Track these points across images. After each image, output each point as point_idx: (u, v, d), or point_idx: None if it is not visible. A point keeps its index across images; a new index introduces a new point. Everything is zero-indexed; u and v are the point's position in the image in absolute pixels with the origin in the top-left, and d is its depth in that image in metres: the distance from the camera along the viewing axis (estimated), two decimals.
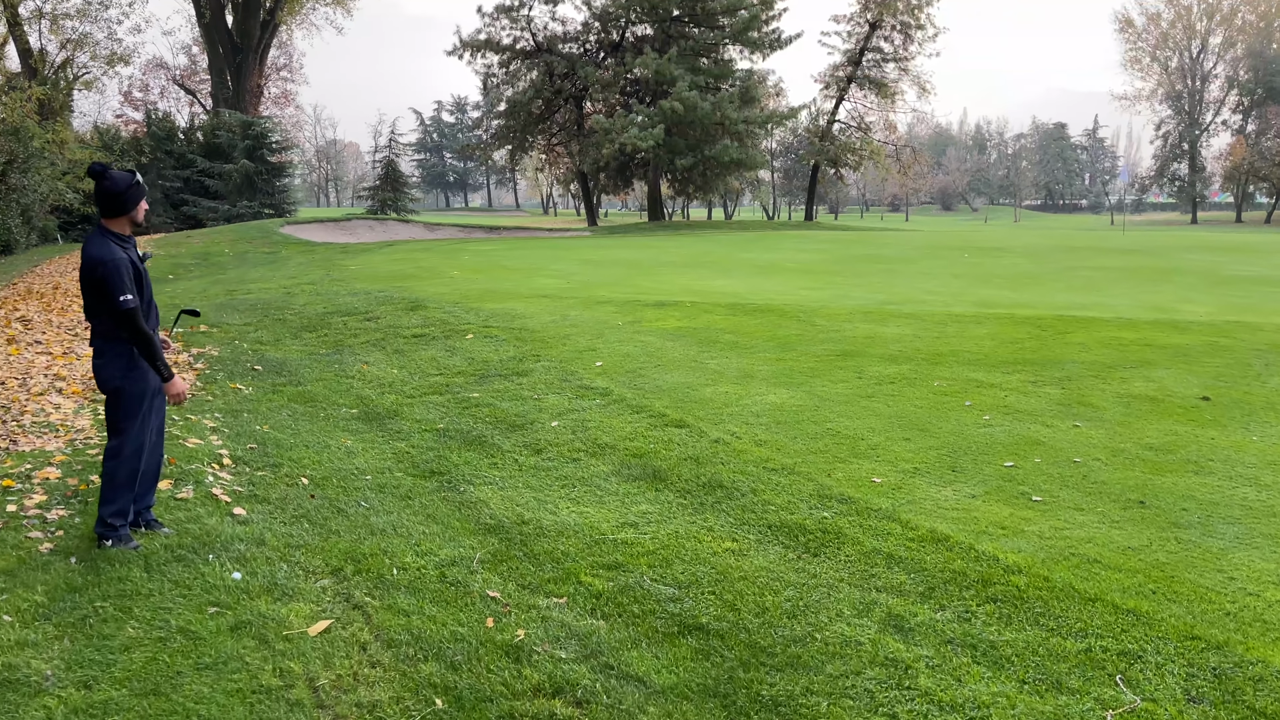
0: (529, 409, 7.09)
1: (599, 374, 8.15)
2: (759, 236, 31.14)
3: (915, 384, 7.70)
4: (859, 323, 10.51)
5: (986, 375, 7.95)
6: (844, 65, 43.58)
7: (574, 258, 20.69)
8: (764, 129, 39.60)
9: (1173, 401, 7.06)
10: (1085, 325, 10.18)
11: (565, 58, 40.42)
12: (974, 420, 6.66)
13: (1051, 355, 8.67)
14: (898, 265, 18.57)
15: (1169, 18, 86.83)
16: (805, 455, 5.94)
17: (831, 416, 6.80)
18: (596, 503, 5.17)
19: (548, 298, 12.79)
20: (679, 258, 20.82)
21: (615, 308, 11.73)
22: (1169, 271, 16.59)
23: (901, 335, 9.70)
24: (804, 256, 21.15)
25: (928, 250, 22.62)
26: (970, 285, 14.74)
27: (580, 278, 15.84)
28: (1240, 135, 79.25)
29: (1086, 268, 17.59)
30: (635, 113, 36.13)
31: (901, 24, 42.41)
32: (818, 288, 14.34)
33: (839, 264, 19.03)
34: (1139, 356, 8.56)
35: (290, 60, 67.65)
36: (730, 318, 10.89)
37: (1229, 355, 8.57)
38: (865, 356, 8.72)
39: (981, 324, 10.33)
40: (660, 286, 14.37)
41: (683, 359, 8.73)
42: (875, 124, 44.89)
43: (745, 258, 20.76)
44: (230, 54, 47.71)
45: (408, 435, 6.53)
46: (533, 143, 43.80)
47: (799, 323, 10.51)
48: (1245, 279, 15.43)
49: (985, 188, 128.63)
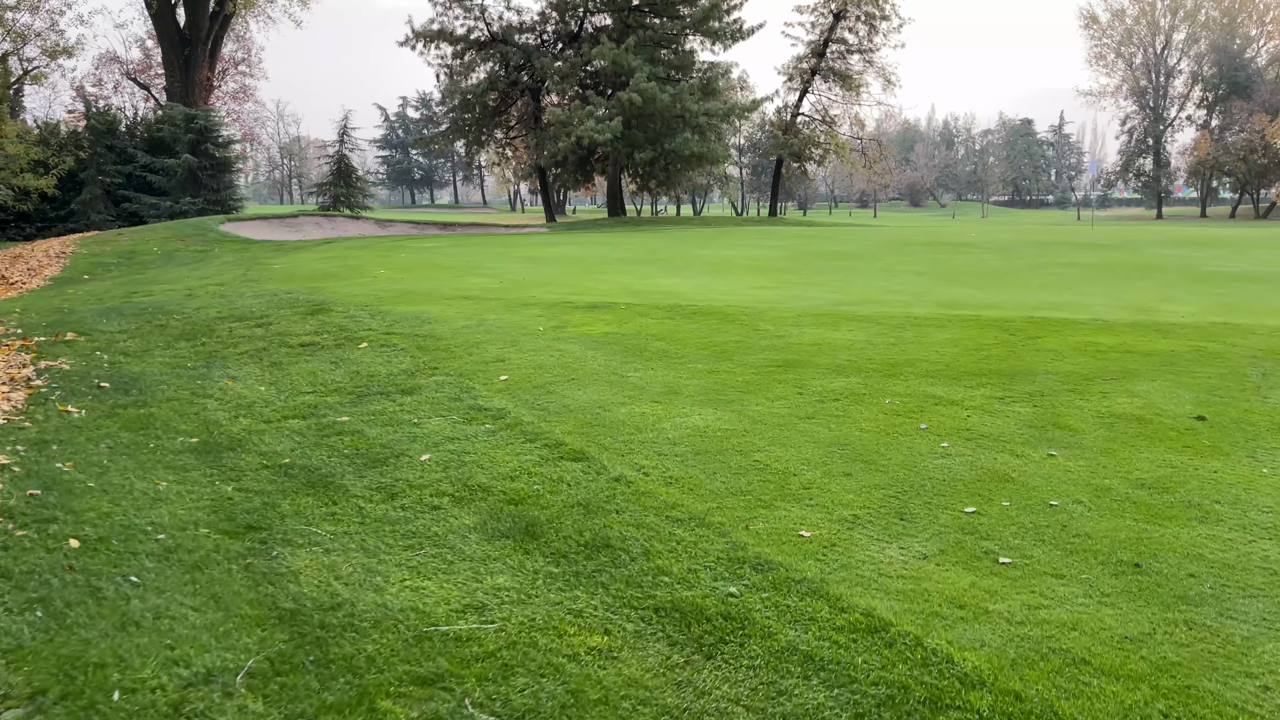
0: (401, 437, 5.90)
1: (500, 390, 6.98)
2: (720, 232, 30.07)
3: (864, 401, 6.59)
4: (807, 327, 9.41)
5: (947, 390, 6.86)
6: (808, 57, 42.56)
7: (518, 255, 19.47)
8: (726, 122, 38.51)
9: (1163, 422, 6.00)
10: (1058, 328, 9.14)
11: (521, 48, 39.10)
12: (930, 448, 5.55)
13: (1021, 365, 7.61)
14: (858, 262, 17.54)
15: (1133, 14, 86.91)
16: (722, 498, 4.80)
17: (762, 444, 5.68)
18: (442, 572, 4.00)
19: (470, 299, 11.59)
20: (630, 255, 19.67)
21: (541, 310, 10.55)
22: (1145, 267, 15.67)
23: (853, 342, 8.61)
24: (761, 253, 20.07)
25: (892, 246, 21.63)
26: (934, 283, 13.71)
27: (516, 277, 14.65)
28: (1204, 130, 79.36)
29: (1058, 264, 16.65)
30: (593, 105, 34.90)
31: (866, 14, 41.46)
32: (769, 287, 13.24)
33: (796, 261, 17.97)
34: (1120, 365, 7.52)
35: (249, 54, 65.76)
36: (666, 322, 9.75)
37: (1221, 364, 7.55)
38: (810, 368, 7.60)
39: (944, 328, 9.27)
40: (600, 286, 13.21)
41: (602, 371, 7.57)
42: (839, 117, 43.98)
43: (700, 254, 19.64)
44: (178, 46, 45.91)
45: (241, 474, 5.32)
46: (489, 136, 42.41)
47: (741, 328, 9.39)
48: (1225, 275, 14.53)
49: (953, 183, 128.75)
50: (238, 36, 62.92)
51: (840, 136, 44.20)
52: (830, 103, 43.81)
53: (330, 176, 47.77)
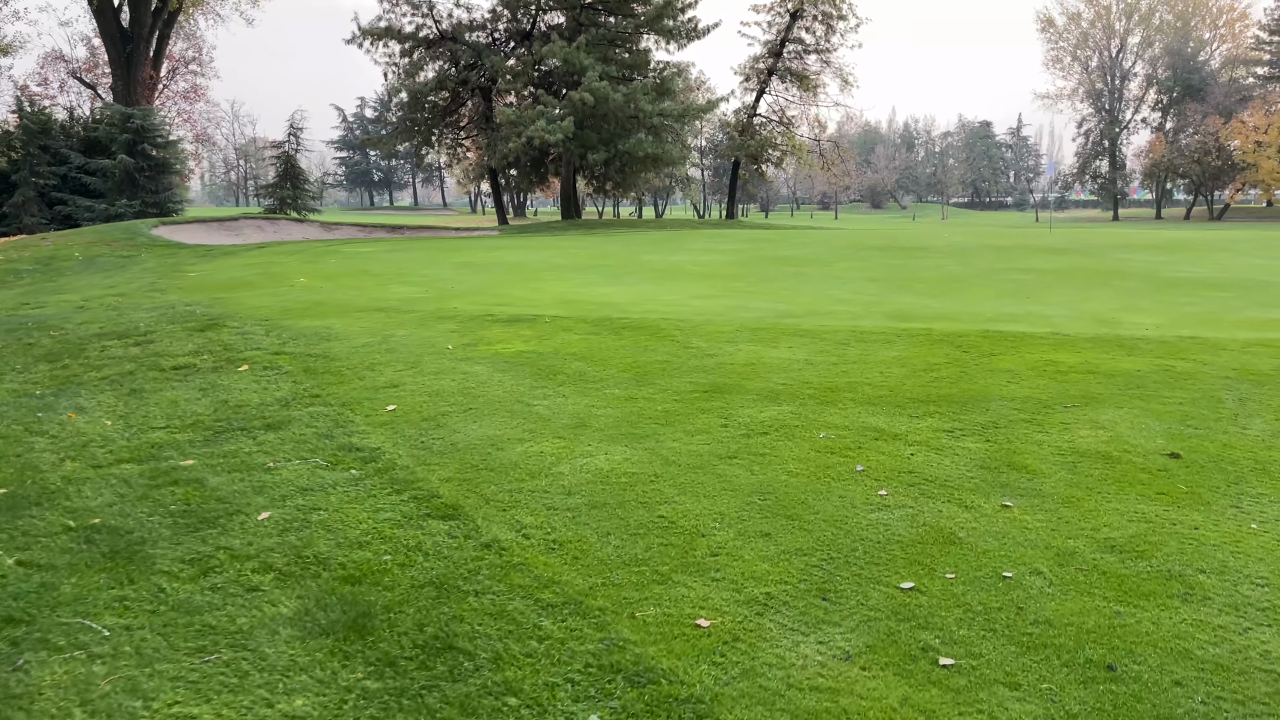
0: (246, 487, 4.98)
1: (383, 424, 6.08)
2: (674, 235, 29.27)
3: (795, 435, 5.77)
4: (744, 343, 8.59)
5: (890, 420, 6.06)
6: (764, 57, 41.89)
7: (454, 261, 18.51)
8: (681, 122, 37.72)
9: (1132, 461, 5.24)
10: (1015, 344, 8.40)
11: (471, 47, 38.05)
12: (865, 497, 4.74)
13: (974, 389, 6.83)
14: (811, 268, 16.79)
15: (1089, 17, 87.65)
16: (612, 569, 3.95)
17: (671, 492, 4.83)
18: (228, 690, 3.10)
19: (384, 311, 10.65)
20: (574, 260, 18.79)
21: (457, 325, 9.64)
22: (1105, 273, 15.07)
23: (791, 361, 7.79)
24: (711, 258, 19.28)
25: (847, 250, 20.95)
26: (886, 292, 12.98)
27: (445, 285, 13.71)
28: (1159, 133, 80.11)
29: (1016, 269, 16.02)
30: (544, 104, 33.96)
31: (823, 14, 40.87)
32: (712, 296, 12.43)
33: (747, 267, 17.19)
34: (1082, 389, 6.77)
35: (201, 53, 63.98)
36: (590, 338, 8.88)
37: (1192, 386, 6.83)
38: (739, 393, 6.77)
39: (891, 344, 8.49)
40: (531, 296, 12.33)
41: (505, 399, 6.69)
42: (797, 118, 43.36)
43: (647, 260, 18.81)
44: (120, 43, 44.29)
45: (33, 540, 4.37)
46: (440, 137, 41.28)
47: (671, 345, 8.55)
48: (1188, 281, 13.95)
49: (913, 185, 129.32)
50: (188, 35, 61.15)
51: (797, 138, 43.58)
52: (787, 103, 43.23)
53: (277, 178, 46.33)
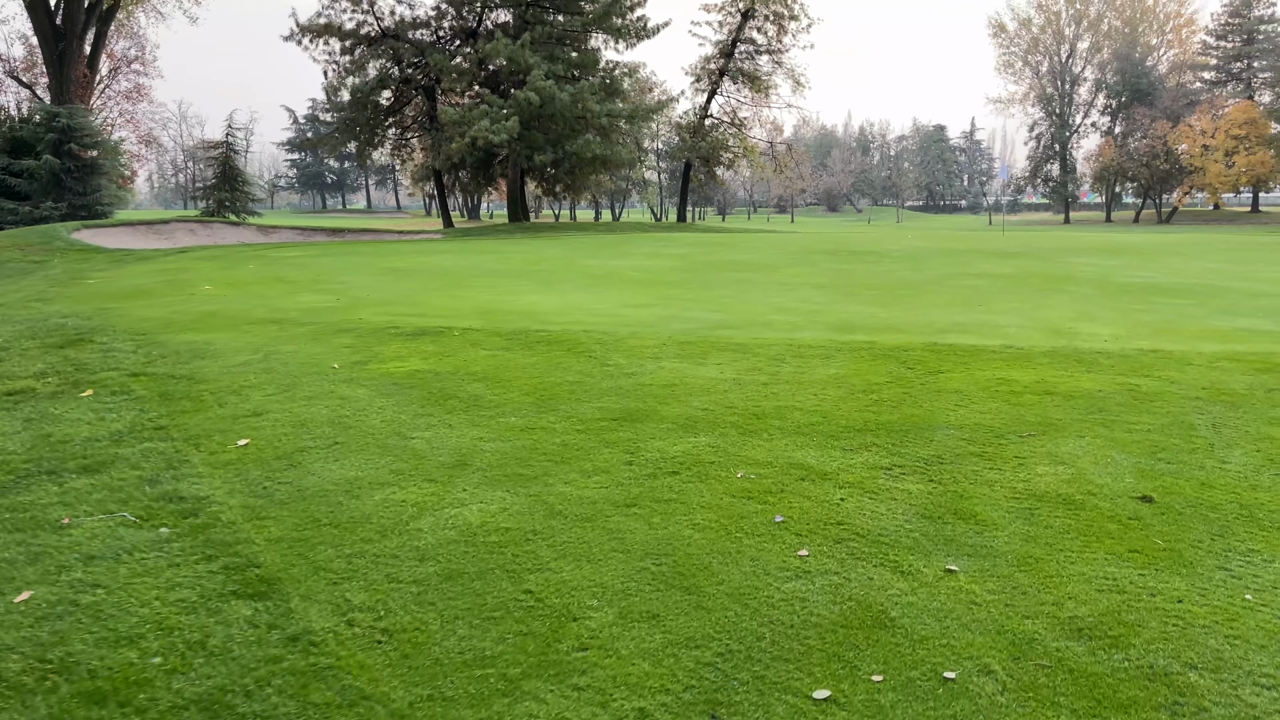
0: (19, 555, 4.00)
1: (226, 464, 5.13)
2: (622, 239, 28.42)
3: (709, 475, 4.91)
4: (669, 359, 7.73)
5: (820, 455, 5.23)
6: (715, 57, 41.20)
7: (382, 266, 17.48)
8: (630, 123, 36.87)
9: (1099, 507, 4.46)
10: (966, 360, 7.64)
11: (415, 44, 36.90)
12: (782, 560, 3.89)
13: (918, 413, 6.03)
14: (756, 273, 16.02)
15: (1039, 23, 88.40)
16: (447, 675, 3.06)
17: (548, 556, 3.95)
18: None
19: (280, 323, 9.66)
20: (510, 265, 17.84)
21: (355, 339, 8.68)
22: (1059, 279, 14.46)
23: (717, 381, 6.95)
24: (655, 263, 18.45)
25: (796, 255, 20.23)
26: (832, 299, 12.22)
27: (361, 293, 12.72)
28: (1109, 137, 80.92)
29: (969, 275, 15.38)
30: (488, 104, 32.94)
31: (774, 14, 40.27)
32: (646, 304, 11.57)
33: (690, 272, 16.38)
34: (1039, 414, 6.00)
35: (143, 52, 61.94)
36: (499, 355, 7.97)
37: (1160, 409, 6.10)
38: (653, 421, 5.91)
39: (830, 360, 7.69)
40: (450, 305, 11.39)
41: (381, 430, 5.76)
42: (750, 120, 42.72)
43: (587, 265, 17.93)
44: (53, 40, 42.48)
45: None
46: (383, 137, 40.03)
47: (588, 361, 7.67)
48: (1141, 287, 13.37)
49: (869, 189, 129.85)
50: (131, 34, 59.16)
51: (749, 140, 42.93)
52: (739, 104, 42.58)
53: (214, 180, 44.66)
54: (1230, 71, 76.58)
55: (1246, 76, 75.29)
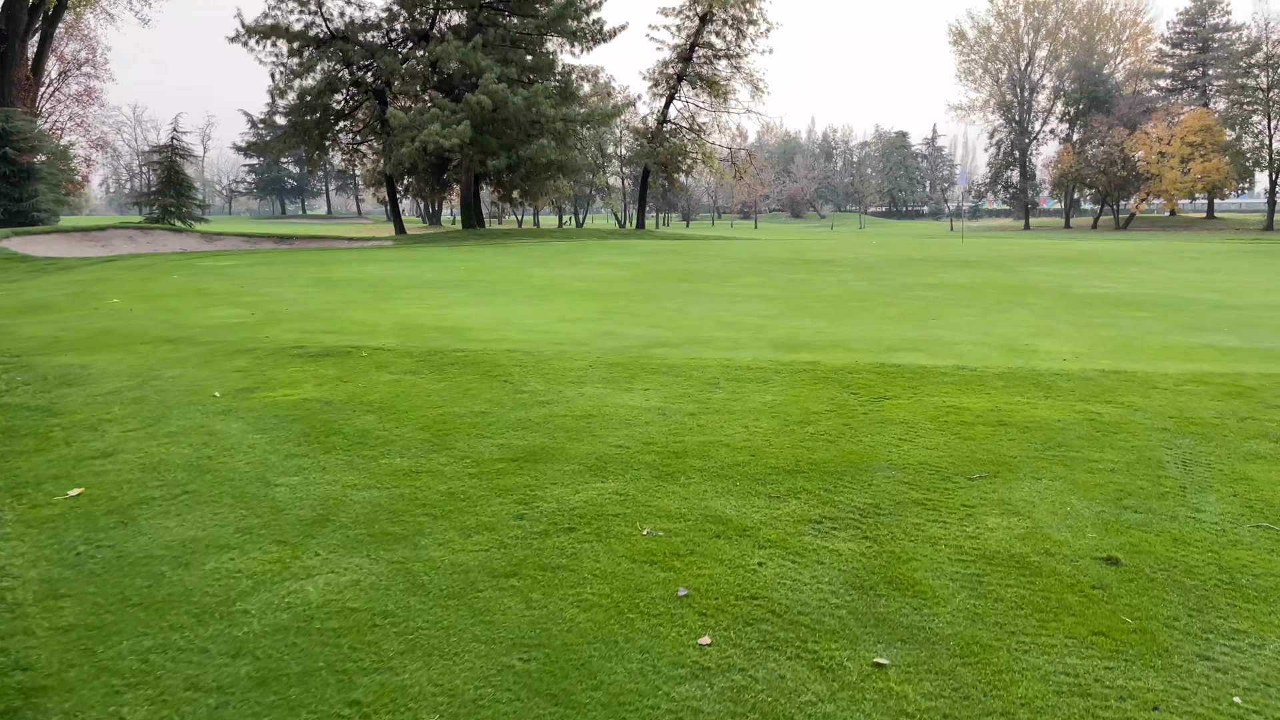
0: None
1: (45, 520, 4.36)
2: (576, 246, 27.71)
3: (610, 533, 4.21)
4: (593, 384, 7.03)
5: (741, 505, 4.55)
6: (674, 62, 40.61)
7: (314, 276, 16.63)
8: (586, 128, 36.15)
9: (1057, 571, 3.81)
10: (914, 383, 7.01)
11: (365, 46, 35.94)
12: (677, 651, 3.20)
13: (858, 450, 5.38)
14: (707, 284, 15.38)
15: (999, 31, 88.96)
16: None
17: (392, 650, 3.22)
18: None
19: (175, 343, 8.84)
20: (449, 275, 17.07)
21: (252, 360, 7.89)
22: (1017, 290, 13.96)
23: (641, 412, 6.26)
24: (604, 273, 17.76)
25: (750, 264, 19.64)
26: (781, 313, 11.59)
27: (279, 306, 11.90)
28: (1067, 144, 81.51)
29: (924, 285, 14.84)
30: (439, 108, 32.09)
31: (733, 18, 39.77)
32: (584, 318, 10.87)
33: (639, 283, 15.71)
34: (992, 450, 5.37)
35: (94, 55, 60.20)
36: (406, 378, 7.23)
37: (1124, 443, 5.49)
38: (559, 461, 5.20)
39: (768, 384, 7.03)
40: (371, 320, 10.62)
41: (243, 475, 5.00)
42: (709, 125, 42.15)
43: (533, 274, 17.19)
44: None
45: None
46: (333, 142, 38.98)
47: (502, 387, 6.95)
48: (1101, 299, 12.89)
49: (832, 195, 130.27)
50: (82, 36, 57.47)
51: (709, 145, 42.38)
52: (698, 109, 41.96)
53: (159, 185, 43.27)
54: (1185, 79, 77.46)
55: (1201, 84, 76.19)
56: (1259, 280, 15.83)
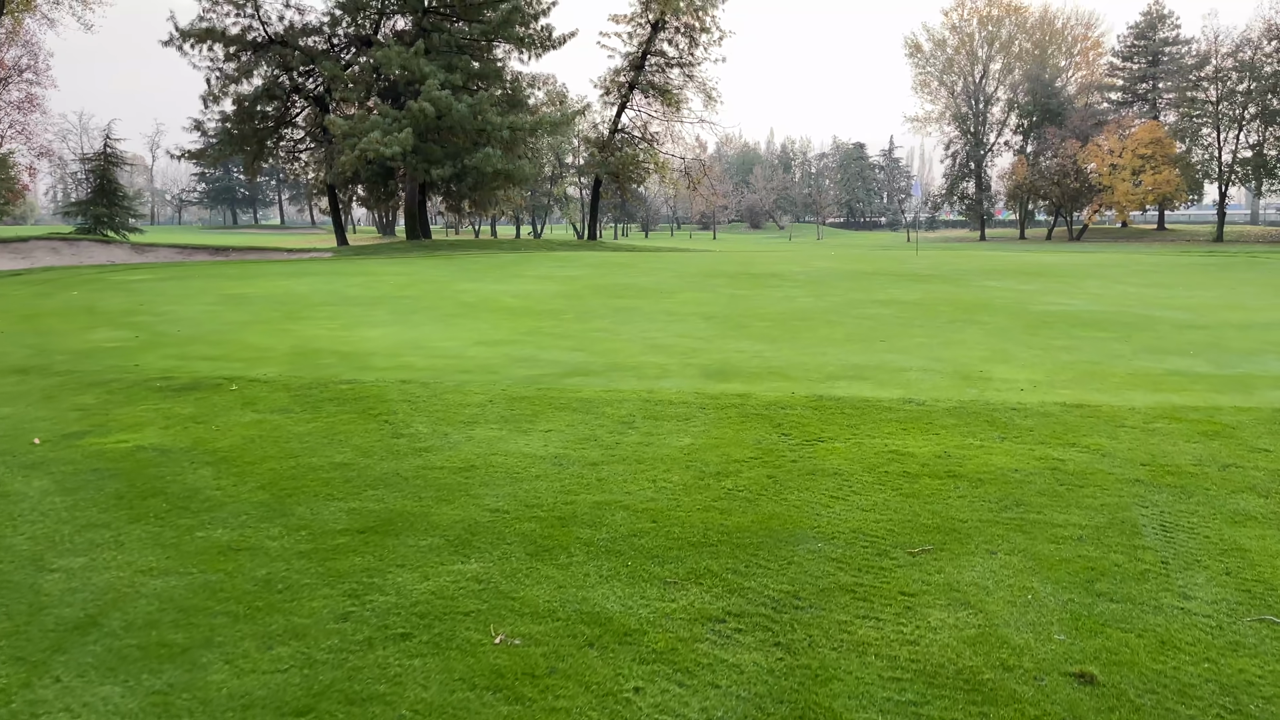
0: None
1: None
2: (521, 258, 26.74)
3: (453, 641, 3.28)
4: (488, 423, 6.10)
5: (628, 595, 3.64)
6: (625, 69, 39.79)
7: (225, 293, 15.51)
8: (535, 136, 35.19)
9: (1017, 694, 2.94)
10: (854, 420, 6.17)
11: (305, 51, 34.71)
12: None
13: (781, 513, 4.51)
14: (646, 300, 14.51)
15: (954, 44, 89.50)
16: None
17: None
18: None
19: (24, 372, 7.79)
20: (374, 291, 16.03)
21: (98, 397, 6.86)
22: (971, 307, 13.24)
23: (533, 461, 5.34)
24: (541, 287, 16.83)
25: (697, 278, 18.81)
26: (719, 334, 10.74)
27: (170, 328, 10.83)
28: (1021, 155, 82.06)
29: (874, 302, 14.09)
30: (381, 115, 30.98)
31: (685, 26, 39.07)
32: (503, 341, 9.94)
33: (574, 298, 14.80)
34: (937, 512, 4.53)
35: (36, 61, 58.04)
36: (270, 418, 6.24)
37: (1091, 500, 4.68)
38: (416, 532, 4.25)
39: (689, 423, 6.15)
40: (265, 343, 9.60)
41: (16, 555, 4.01)
42: (661, 134, 41.35)
43: (462, 290, 16.21)
44: None
45: None
46: (272, 149, 37.63)
47: (380, 428, 5.99)
48: (1061, 317, 12.20)
49: (790, 206, 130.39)
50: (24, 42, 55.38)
51: (661, 155, 41.59)
52: (650, 118, 41.15)
53: (90, 194, 41.56)
54: (1136, 92, 78.35)
55: (1152, 97, 77.10)
56: (1220, 295, 15.30)
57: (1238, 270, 21.78)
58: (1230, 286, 16.94)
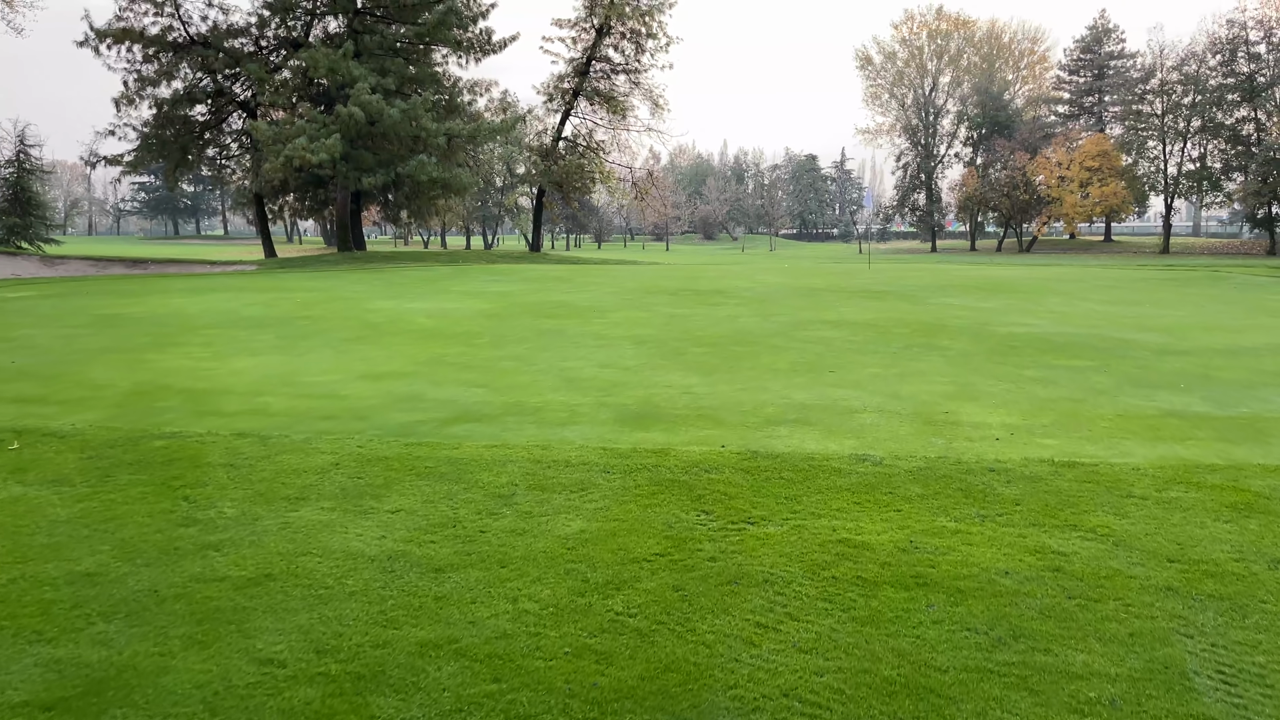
0: None
1: None
2: (455, 272, 25.19)
3: None
4: (319, 501, 4.67)
5: None
6: (570, 75, 38.37)
7: (101, 313, 13.83)
8: (473, 143, 33.59)
9: None
10: (796, 491, 4.83)
11: (230, 54, 32.83)
12: None
13: (676, 664, 3.13)
14: (575, 321, 13.12)
15: (904, 56, 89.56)
16: None
17: None
18: None
19: None
20: (274, 311, 14.44)
21: None
22: (929, 329, 12.02)
23: (358, 564, 3.92)
24: (463, 305, 15.37)
25: (635, 294, 17.47)
26: (649, 362, 9.38)
27: (6, 358, 9.21)
28: (971, 167, 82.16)
29: (824, 322, 12.84)
30: (307, 120, 29.26)
31: (631, 31, 37.77)
32: (394, 373, 8.48)
33: (496, 319, 13.36)
34: (902, 656, 3.18)
35: None
36: (34, 493, 4.75)
37: (1115, 627, 3.37)
38: (119, 713, 2.82)
39: (587, 495, 4.76)
40: (106, 378, 8.04)
41: None
42: (607, 143, 39.96)
43: (377, 308, 14.69)
44: None
45: None
46: (198, 156, 35.62)
47: (170, 509, 4.52)
48: (1027, 341, 11.02)
49: (744, 217, 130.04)
50: None
51: (606, 164, 40.21)
52: (595, 126, 39.75)
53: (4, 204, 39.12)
54: (1083, 105, 78.86)
55: (1098, 110, 77.63)
56: (1191, 314, 14.27)
57: (1199, 285, 20.95)
58: (1198, 304, 15.98)
